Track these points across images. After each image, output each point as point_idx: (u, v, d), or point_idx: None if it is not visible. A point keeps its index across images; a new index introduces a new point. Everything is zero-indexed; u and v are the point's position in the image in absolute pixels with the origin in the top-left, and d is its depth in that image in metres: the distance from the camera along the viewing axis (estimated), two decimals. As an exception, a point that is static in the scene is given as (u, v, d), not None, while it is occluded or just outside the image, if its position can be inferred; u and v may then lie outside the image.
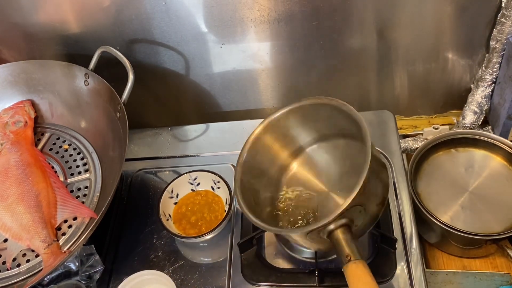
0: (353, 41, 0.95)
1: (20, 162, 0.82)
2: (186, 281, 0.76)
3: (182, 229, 0.80)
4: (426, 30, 0.93)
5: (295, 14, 0.89)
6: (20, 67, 0.91)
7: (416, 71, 1.02)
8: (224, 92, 1.07)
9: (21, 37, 0.96)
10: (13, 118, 0.89)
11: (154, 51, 0.98)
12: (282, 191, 0.80)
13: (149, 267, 0.78)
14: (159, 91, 1.08)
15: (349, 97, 1.07)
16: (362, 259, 0.59)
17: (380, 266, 0.72)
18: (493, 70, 0.96)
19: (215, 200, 0.83)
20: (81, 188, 0.84)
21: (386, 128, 0.91)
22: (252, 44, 0.96)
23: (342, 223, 0.61)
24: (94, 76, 0.87)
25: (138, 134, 0.99)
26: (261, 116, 1.11)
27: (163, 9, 0.89)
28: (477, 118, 1.04)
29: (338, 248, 0.60)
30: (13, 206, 0.77)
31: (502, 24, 0.88)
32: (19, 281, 0.74)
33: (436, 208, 0.90)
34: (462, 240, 0.88)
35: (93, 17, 0.92)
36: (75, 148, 0.89)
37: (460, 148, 0.98)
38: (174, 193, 0.83)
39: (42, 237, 0.74)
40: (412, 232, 0.77)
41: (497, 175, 0.93)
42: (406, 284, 0.71)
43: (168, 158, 0.94)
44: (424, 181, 0.95)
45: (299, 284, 0.73)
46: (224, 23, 0.92)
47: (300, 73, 1.02)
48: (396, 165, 0.85)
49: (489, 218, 0.88)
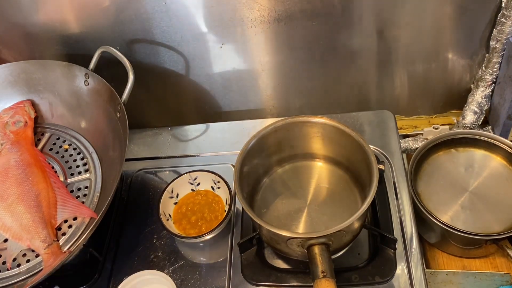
0: (353, 41, 0.95)
1: (20, 162, 0.82)
2: (186, 281, 0.76)
3: (182, 229, 0.80)
4: (426, 30, 0.93)
5: (295, 14, 0.89)
6: (20, 67, 0.91)
7: (416, 71, 1.02)
8: (224, 92, 1.07)
9: (21, 37, 0.96)
10: (13, 118, 0.89)
11: (154, 51, 0.98)
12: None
13: (149, 267, 0.78)
14: (159, 91, 1.08)
15: (349, 97, 1.08)
16: (334, 280, 0.62)
17: (380, 266, 0.72)
18: (493, 70, 0.96)
19: (215, 200, 0.83)
20: (81, 188, 0.84)
21: (386, 128, 0.91)
22: (252, 44, 0.96)
23: (323, 241, 0.65)
24: (94, 76, 0.87)
25: (138, 134, 0.99)
26: (261, 116, 1.12)
27: (163, 9, 0.89)
28: (477, 118, 1.04)
29: (314, 261, 0.64)
30: (13, 206, 0.77)
31: (502, 24, 0.88)
32: (19, 281, 0.74)
33: (436, 208, 0.90)
34: (462, 240, 0.88)
35: (93, 17, 0.91)
36: (75, 148, 0.89)
37: (460, 148, 0.98)
38: (174, 193, 0.83)
39: (42, 237, 0.74)
40: (412, 232, 0.77)
41: (497, 175, 0.93)
42: (406, 284, 0.71)
43: (168, 158, 0.94)
44: (424, 181, 0.95)
45: (299, 284, 0.73)
46: (224, 23, 0.92)
47: (300, 73, 1.02)
48: (396, 165, 0.85)
49: (489, 218, 0.88)
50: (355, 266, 0.73)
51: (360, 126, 0.92)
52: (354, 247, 0.76)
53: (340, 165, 0.82)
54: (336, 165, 0.82)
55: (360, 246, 0.76)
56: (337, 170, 0.82)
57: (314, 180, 0.82)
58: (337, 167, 0.82)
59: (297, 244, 0.66)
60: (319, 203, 0.79)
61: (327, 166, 0.83)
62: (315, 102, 1.09)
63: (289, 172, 0.84)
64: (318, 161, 0.84)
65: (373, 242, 0.76)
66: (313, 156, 0.83)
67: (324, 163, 0.83)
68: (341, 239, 0.68)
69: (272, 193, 0.81)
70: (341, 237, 0.67)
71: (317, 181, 0.82)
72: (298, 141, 0.81)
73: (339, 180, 0.81)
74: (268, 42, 0.95)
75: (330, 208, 0.78)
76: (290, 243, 0.66)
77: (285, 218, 0.78)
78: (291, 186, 0.81)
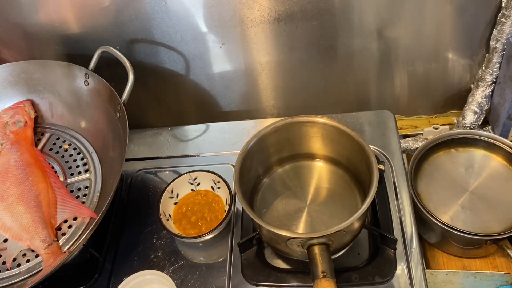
0: (353, 41, 0.95)
1: (20, 162, 0.82)
2: (186, 281, 0.76)
3: (182, 229, 0.80)
4: (426, 30, 0.94)
5: (295, 14, 0.89)
6: (20, 67, 0.91)
7: (416, 71, 1.02)
8: (224, 92, 1.07)
9: (21, 37, 0.96)
10: (13, 118, 0.89)
11: (154, 51, 0.98)
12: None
13: (149, 267, 0.78)
14: (159, 91, 1.08)
15: (349, 97, 1.08)
16: (334, 280, 0.62)
17: (380, 266, 0.72)
18: (493, 70, 0.96)
19: (215, 200, 0.83)
20: (81, 188, 0.84)
21: (386, 128, 0.91)
22: (252, 44, 0.96)
23: (323, 241, 0.65)
24: (94, 76, 0.87)
25: (138, 134, 0.99)
26: (261, 116, 1.12)
27: (163, 9, 0.89)
28: (477, 118, 1.04)
29: (314, 261, 0.64)
30: (13, 206, 0.77)
31: (502, 24, 0.88)
32: (19, 281, 0.74)
33: (436, 208, 0.90)
34: (462, 240, 0.88)
35: (93, 17, 0.92)
36: (75, 148, 0.89)
37: (460, 148, 0.98)
38: (174, 193, 0.83)
39: (42, 237, 0.74)
40: (412, 232, 0.77)
41: (497, 175, 0.93)
42: (406, 284, 0.71)
43: (168, 158, 0.94)
44: (424, 181, 0.95)
45: (299, 284, 0.73)
46: (224, 23, 0.92)
47: (300, 73, 1.02)
48: (396, 165, 0.85)
49: (489, 218, 0.88)
50: (355, 266, 0.73)
51: (360, 126, 0.92)
52: (354, 247, 0.76)
53: (340, 165, 0.82)
54: (336, 165, 0.82)
55: (360, 246, 0.76)
56: (337, 170, 0.82)
57: (314, 180, 0.82)
58: (337, 167, 0.82)
59: (297, 244, 0.66)
60: (319, 203, 0.79)
61: (327, 166, 0.83)
62: (315, 102, 1.09)
63: (289, 172, 0.84)
64: (318, 161, 0.84)
65: (373, 242, 0.76)
66: (313, 156, 0.83)
67: (324, 163, 0.83)
68: (341, 239, 0.68)
69: (272, 193, 0.81)
70: (341, 237, 0.67)
71: (317, 181, 0.82)
72: (298, 141, 0.81)
73: (339, 180, 0.81)
74: (268, 42, 0.95)
75: (330, 208, 0.78)
76: (290, 243, 0.66)
77: (285, 218, 0.78)
78: (291, 186, 0.82)
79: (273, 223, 0.76)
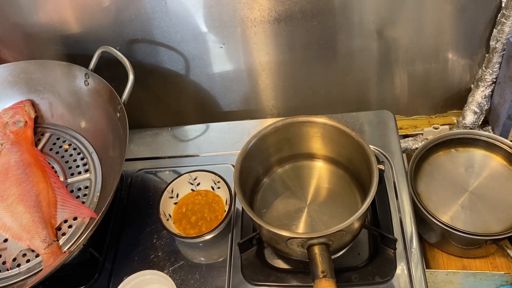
0: (353, 41, 0.95)
1: (20, 162, 0.82)
2: (186, 281, 0.76)
3: (182, 229, 0.80)
4: (426, 30, 0.94)
5: (295, 14, 0.89)
6: (20, 67, 0.91)
7: (416, 71, 1.02)
8: (224, 92, 1.07)
9: (21, 37, 0.96)
10: (13, 118, 0.89)
11: (154, 51, 0.98)
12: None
13: (149, 267, 0.78)
14: (159, 91, 1.08)
15: (349, 97, 1.08)
16: (334, 280, 0.62)
17: (380, 266, 0.72)
18: (493, 70, 0.96)
19: (215, 200, 0.83)
20: (81, 188, 0.84)
21: (386, 128, 0.91)
22: (252, 44, 0.96)
23: (323, 241, 0.65)
24: (94, 76, 0.87)
25: (138, 134, 0.99)
26: (261, 116, 1.12)
27: (163, 9, 0.89)
28: (477, 118, 1.04)
29: (314, 261, 0.64)
30: (13, 206, 0.77)
31: (502, 24, 0.88)
32: (19, 281, 0.74)
33: (436, 208, 0.90)
34: (462, 240, 0.88)
35: (93, 17, 0.92)
36: (75, 148, 0.89)
37: (460, 148, 0.98)
38: (174, 193, 0.83)
39: (42, 237, 0.74)
40: (412, 232, 0.77)
41: (497, 175, 0.93)
42: (406, 284, 0.71)
43: (168, 158, 0.94)
44: (424, 181, 0.95)
45: (299, 284, 0.73)
46: (224, 23, 0.92)
47: (300, 73, 1.02)
48: (396, 165, 0.85)
49: (489, 218, 0.88)
50: (355, 266, 0.73)
51: (360, 126, 0.92)
52: (354, 247, 0.76)
53: (340, 165, 0.82)
54: (336, 165, 0.82)
55: (360, 246, 0.76)
56: (337, 170, 0.82)
57: (314, 180, 0.82)
58: (337, 167, 0.82)
59: (297, 244, 0.66)
60: (319, 203, 0.79)
61: (327, 166, 0.83)
62: (315, 102, 1.09)
63: (289, 172, 0.84)
64: (318, 161, 0.84)
65: (373, 242, 0.76)
66: (313, 156, 0.83)
67: (324, 163, 0.83)
68: (341, 239, 0.68)
69: (272, 193, 0.81)
70: (341, 237, 0.67)
71: (317, 181, 0.82)
72: (298, 141, 0.81)
73: (339, 180, 0.81)
74: (268, 42, 0.95)
75: (330, 208, 0.78)
76: (290, 243, 0.66)
77: (285, 218, 0.78)
78: (291, 186, 0.82)
79: (273, 223, 0.76)
